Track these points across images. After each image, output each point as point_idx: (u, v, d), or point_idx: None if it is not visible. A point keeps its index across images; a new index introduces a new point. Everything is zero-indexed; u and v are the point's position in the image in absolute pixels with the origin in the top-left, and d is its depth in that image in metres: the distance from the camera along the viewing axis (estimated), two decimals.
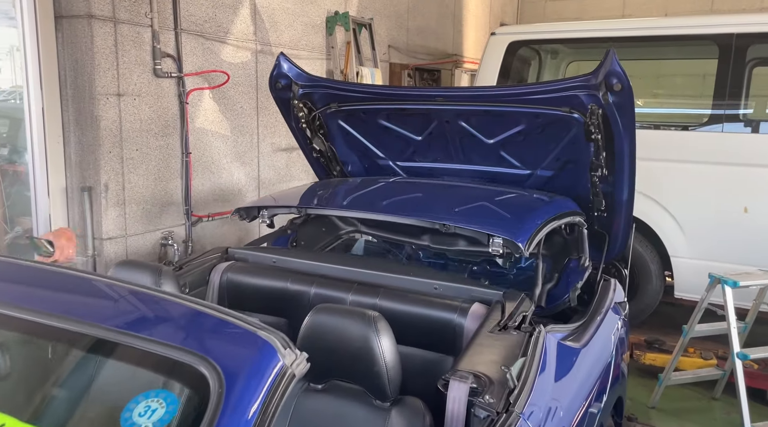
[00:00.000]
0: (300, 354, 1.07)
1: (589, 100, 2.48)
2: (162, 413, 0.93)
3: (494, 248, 2.12)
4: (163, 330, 1.05)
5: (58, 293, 1.24)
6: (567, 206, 2.63)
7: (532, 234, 2.18)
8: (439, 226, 2.24)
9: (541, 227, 2.27)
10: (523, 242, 2.10)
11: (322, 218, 3.16)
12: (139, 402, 0.94)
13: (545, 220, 2.34)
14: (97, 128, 3.25)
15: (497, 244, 2.11)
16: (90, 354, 1.14)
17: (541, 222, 2.30)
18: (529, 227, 2.23)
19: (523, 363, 1.74)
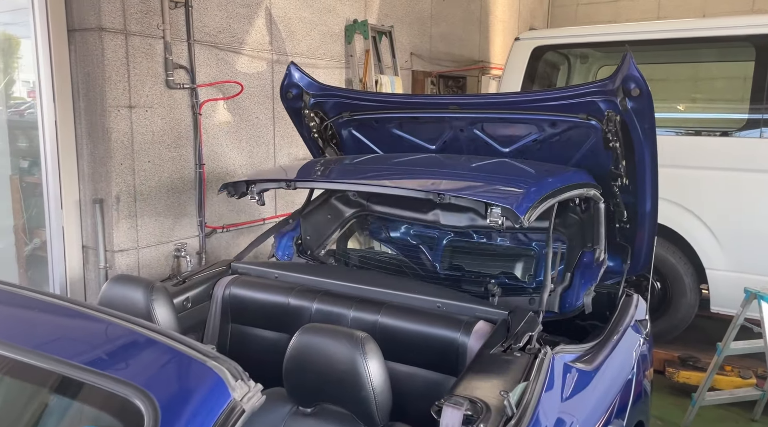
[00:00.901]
0: (254, 386, 0.98)
1: (607, 106, 2.35)
2: None
3: (492, 219, 1.90)
4: (99, 357, 0.97)
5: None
6: (579, 178, 2.41)
7: (535, 203, 1.97)
8: (433, 196, 2.04)
9: (545, 198, 2.05)
10: (522, 210, 1.88)
11: (325, 204, 3.07)
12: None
13: (551, 190, 2.12)
14: (108, 140, 3.25)
15: (495, 214, 1.89)
16: (14, 381, 1.08)
17: (547, 192, 2.09)
18: (531, 196, 2.00)
19: (524, 388, 1.62)
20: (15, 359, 0.97)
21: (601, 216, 2.48)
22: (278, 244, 2.96)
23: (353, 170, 2.60)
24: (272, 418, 1.70)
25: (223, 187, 2.53)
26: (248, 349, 2.48)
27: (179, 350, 0.99)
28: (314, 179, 2.47)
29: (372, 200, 3.09)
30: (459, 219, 2.91)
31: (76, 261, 3.42)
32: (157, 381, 0.93)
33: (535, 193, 2.05)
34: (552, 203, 2.11)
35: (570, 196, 2.27)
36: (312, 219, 3.02)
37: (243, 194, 2.49)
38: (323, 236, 3.07)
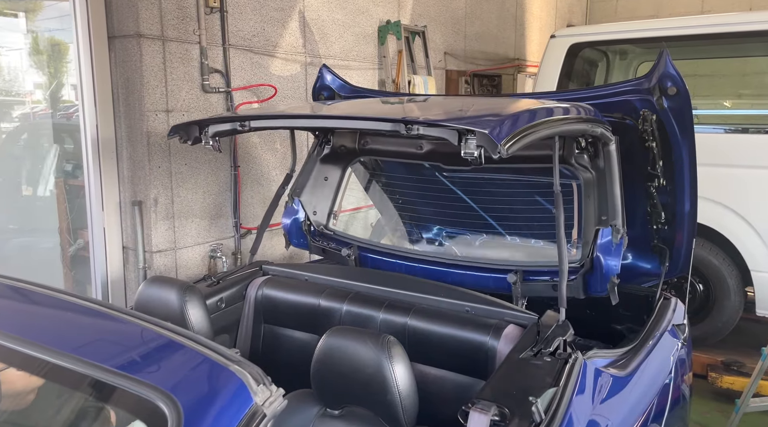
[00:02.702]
0: (276, 391, 0.99)
1: (642, 105, 2.30)
2: None
3: (467, 151, 1.61)
4: (125, 360, 1.00)
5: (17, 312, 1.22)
6: (581, 111, 2.12)
7: (517, 131, 1.67)
8: (402, 129, 1.75)
9: (530, 127, 1.75)
10: (500, 137, 1.59)
11: (315, 169, 2.90)
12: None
13: (541, 120, 1.84)
14: (146, 144, 3.33)
15: (470, 144, 1.60)
16: (45, 381, 1.12)
17: (534, 121, 1.80)
18: (512, 123, 1.72)
19: (553, 394, 1.59)
20: (49, 361, 1.01)
21: (614, 166, 2.18)
22: (289, 235, 2.97)
23: (317, 108, 2.35)
24: (301, 419, 1.72)
25: (173, 131, 2.24)
26: (280, 349, 2.51)
27: (203, 354, 1.01)
28: (270, 116, 2.17)
29: (364, 149, 2.86)
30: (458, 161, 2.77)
31: (116, 261, 3.52)
32: (181, 385, 0.95)
33: (518, 120, 1.77)
34: (541, 136, 1.79)
35: (568, 132, 1.96)
36: (310, 191, 2.90)
37: (197, 140, 2.21)
38: (329, 203, 2.97)
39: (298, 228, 2.94)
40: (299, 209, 2.91)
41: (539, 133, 1.78)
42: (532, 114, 1.88)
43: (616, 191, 2.21)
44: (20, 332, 1.10)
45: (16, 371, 1.17)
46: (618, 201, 2.21)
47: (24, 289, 1.31)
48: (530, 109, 1.93)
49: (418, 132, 1.71)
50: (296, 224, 2.93)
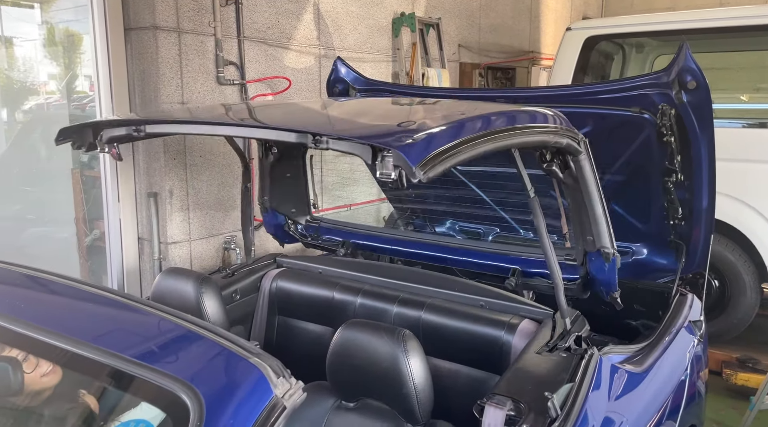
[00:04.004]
0: (295, 383, 0.99)
1: (661, 99, 2.27)
2: None
3: (383, 171, 1.31)
4: (147, 350, 1.01)
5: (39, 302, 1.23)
6: (538, 118, 1.75)
7: (437, 153, 1.32)
8: (311, 141, 1.48)
9: (458, 146, 1.39)
10: (415, 159, 1.26)
11: (274, 169, 2.73)
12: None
13: (474, 136, 1.46)
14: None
15: (387, 164, 1.30)
16: (69, 370, 1.13)
17: (464, 137, 1.43)
18: (434, 142, 1.36)
19: (569, 390, 1.59)
20: (70, 350, 1.02)
21: (589, 181, 1.82)
22: (278, 238, 2.94)
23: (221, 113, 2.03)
24: (316, 411, 1.72)
25: (62, 135, 1.90)
26: (294, 341, 2.52)
27: (224, 346, 1.02)
28: (166, 121, 1.86)
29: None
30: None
31: (132, 252, 3.55)
32: (202, 376, 0.96)
33: (443, 135, 1.42)
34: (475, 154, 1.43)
35: (517, 145, 1.60)
36: (278, 196, 2.79)
37: (92, 146, 1.87)
38: (303, 197, 2.88)
39: (283, 232, 2.92)
40: (276, 214, 2.85)
41: (471, 151, 1.42)
42: (463, 127, 1.51)
43: (597, 210, 1.90)
44: (40, 322, 1.11)
45: (36, 359, 1.18)
46: (602, 221, 1.92)
47: (43, 278, 1.32)
48: (464, 121, 1.57)
49: (328, 146, 1.44)
50: (280, 228, 2.90)
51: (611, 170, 2.71)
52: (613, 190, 2.76)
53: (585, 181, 1.83)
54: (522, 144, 1.62)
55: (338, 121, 1.70)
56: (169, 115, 1.91)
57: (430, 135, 1.38)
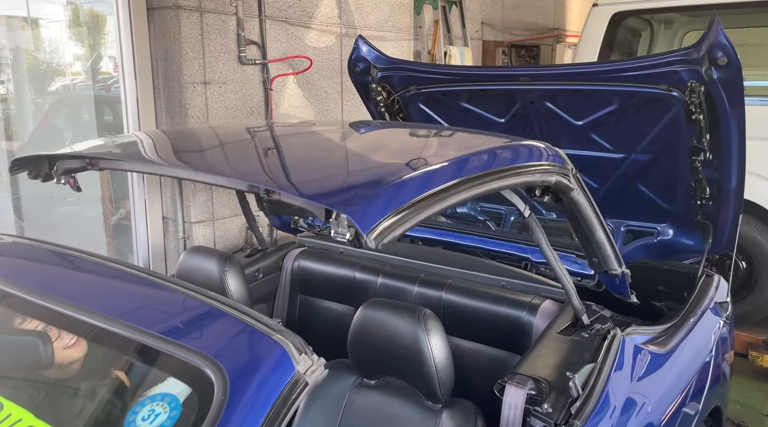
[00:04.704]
0: (317, 360, 1.01)
1: (690, 76, 2.22)
2: (164, 419, 0.91)
3: (338, 231, 1.16)
4: (172, 326, 1.03)
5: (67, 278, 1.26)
6: (520, 157, 1.55)
7: (396, 218, 1.17)
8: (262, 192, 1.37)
9: (421, 202, 1.23)
10: (367, 224, 1.12)
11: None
12: (145, 405, 0.93)
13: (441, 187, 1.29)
14: (185, 116, 3.37)
15: (342, 224, 1.14)
16: (97, 345, 1.16)
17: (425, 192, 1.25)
18: (395, 199, 1.21)
19: (591, 370, 1.59)
20: (99, 326, 1.05)
21: (587, 213, 1.72)
22: (290, 231, 2.90)
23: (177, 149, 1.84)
24: (338, 388, 1.75)
25: (16, 165, 1.79)
26: (316, 320, 2.55)
27: (247, 323, 1.03)
28: (119, 158, 1.76)
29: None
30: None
31: (157, 231, 3.61)
32: (227, 352, 0.98)
33: (405, 190, 1.24)
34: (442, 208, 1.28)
35: (494, 191, 1.43)
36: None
37: (48, 177, 1.79)
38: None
39: (291, 228, 2.88)
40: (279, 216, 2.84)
41: (438, 206, 1.26)
42: (426, 179, 1.31)
43: (598, 236, 1.80)
44: (68, 297, 1.14)
45: (65, 334, 1.22)
46: (605, 245, 1.83)
47: (71, 255, 1.35)
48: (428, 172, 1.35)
49: (280, 199, 1.30)
50: (287, 225, 2.85)
51: (637, 149, 2.67)
52: (639, 170, 2.72)
53: (581, 213, 1.73)
54: (502, 188, 1.46)
55: (297, 171, 1.48)
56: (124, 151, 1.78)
57: (389, 191, 1.22)
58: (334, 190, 1.28)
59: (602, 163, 2.79)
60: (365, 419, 1.69)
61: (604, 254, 1.83)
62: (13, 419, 0.97)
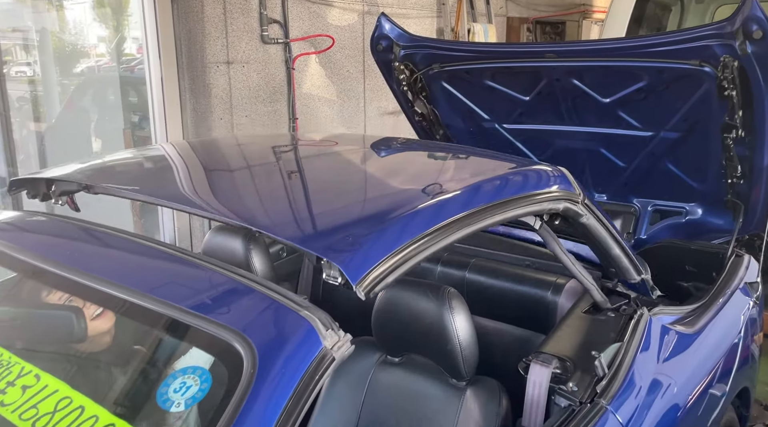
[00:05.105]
0: (344, 336, 1.01)
1: (723, 50, 2.15)
2: (195, 391, 0.93)
3: (329, 274, 1.13)
4: (201, 301, 1.04)
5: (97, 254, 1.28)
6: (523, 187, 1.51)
7: (387, 258, 1.12)
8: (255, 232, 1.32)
9: (411, 244, 1.17)
10: (356, 275, 1.09)
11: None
12: (176, 378, 0.95)
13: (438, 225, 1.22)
14: (208, 96, 3.39)
15: (334, 268, 1.11)
16: (128, 319, 1.18)
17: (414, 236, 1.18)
18: (386, 245, 1.15)
19: (617, 349, 1.57)
20: (129, 300, 1.07)
21: (600, 234, 1.68)
22: None
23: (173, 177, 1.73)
24: (362, 365, 1.76)
25: (14, 186, 1.79)
26: (339, 298, 2.56)
27: (274, 299, 1.04)
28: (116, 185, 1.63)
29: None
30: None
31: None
32: (254, 327, 0.99)
33: (396, 233, 1.18)
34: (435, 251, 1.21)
35: (500, 222, 1.37)
36: None
37: (46, 196, 1.78)
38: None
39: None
40: None
41: (434, 246, 1.20)
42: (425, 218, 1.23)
43: (615, 253, 1.77)
44: (100, 272, 1.16)
45: (97, 308, 1.24)
46: (621, 259, 1.79)
47: (100, 231, 1.37)
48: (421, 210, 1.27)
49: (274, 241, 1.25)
50: None
51: (666, 127, 2.61)
52: (668, 148, 2.66)
53: (594, 235, 1.68)
54: (507, 220, 1.39)
55: (291, 208, 1.39)
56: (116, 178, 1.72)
57: (382, 234, 1.15)
58: (324, 232, 1.22)
59: (630, 141, 2.73)
60: (389, 396, 1.70)
61: (621, 266, 1.80)
62: (50, 390, 1.00)
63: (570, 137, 2.90)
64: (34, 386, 1.02)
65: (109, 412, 0.95)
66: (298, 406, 0.92)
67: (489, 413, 1.52)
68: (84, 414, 0.95)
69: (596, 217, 1.64)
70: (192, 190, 1.54)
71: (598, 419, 1.39)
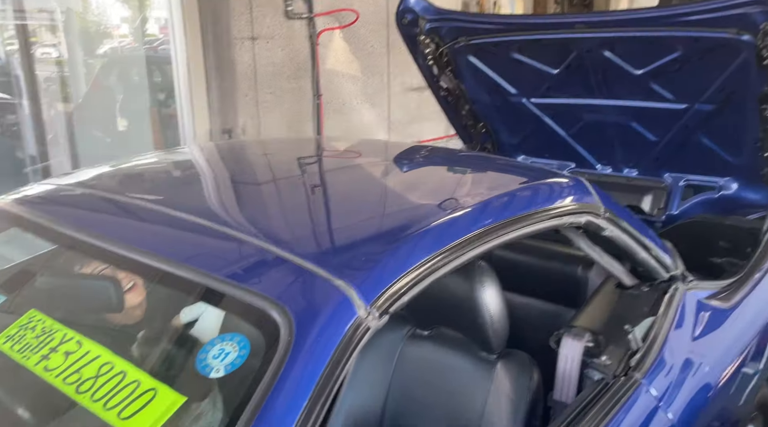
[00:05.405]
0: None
1: (763, 18, 2.08)
2: (234, 357, 0.94)
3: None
4: (236, 271, 1.05)
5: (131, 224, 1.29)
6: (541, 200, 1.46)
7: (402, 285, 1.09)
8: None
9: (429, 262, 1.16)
10: (369, 296, 1.03)
11: None
12: (215, 344, 0.96)
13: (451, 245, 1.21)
14: (233, 73, 3.39)
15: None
16: (165, 288, 1.20)
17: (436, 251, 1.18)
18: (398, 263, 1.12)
19: (651, 323, 1.55)
20: (165, 269, 1.08)
21: (626, 244, 1.61)
22: None
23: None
24: (391, 338, 1.77)
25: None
26: None
27: (308, 269, 1.04)
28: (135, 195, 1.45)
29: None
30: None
31: None
32: (290, 296, 0.99)
33: (410, 252, 1.15)
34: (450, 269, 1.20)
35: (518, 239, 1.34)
36: None
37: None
38: None
39: None
40: None
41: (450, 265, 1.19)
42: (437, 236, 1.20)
43: (641, 257, 1.70)
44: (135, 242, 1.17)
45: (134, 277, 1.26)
46: (649, 262, 1.71)
47: (133, 204, 1.38)
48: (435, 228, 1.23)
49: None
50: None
51: (701, 99, 2.54)
52: (702, 121, 2.59)
53: (618, 245, 1.61)
54: (525, 236, 1.36)
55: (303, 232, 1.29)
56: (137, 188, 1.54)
57: (391, 255, 1.11)
58: (339, 249, 1.18)
59: (662, 114, 2.67)
60: (418, 369, 1.70)
61: (649, 267, 1.73)
62: (92, 356, 1.02)
63: (600, 111, 2.84)
64: (76, 352, 1.04)
65: (150, 377, 0.97)
66: (334, 374, 0.93)
67: (521, 387, 1.52)
68: (126, 379, 0.97)
69: (620, 228, 1.58)
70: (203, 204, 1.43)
71: (632, 392, 1.38)
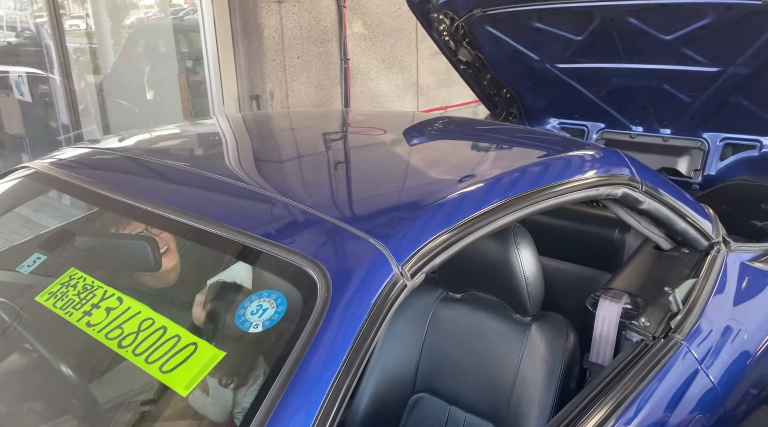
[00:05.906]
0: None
1: None
2: (272, 313, 0.94)
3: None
4: (272, 230, 1.04)
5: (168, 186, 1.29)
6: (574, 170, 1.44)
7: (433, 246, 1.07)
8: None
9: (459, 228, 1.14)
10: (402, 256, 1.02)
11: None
12: (253, 301, 0.96)
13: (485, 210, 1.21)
14: (260, 37, 3.36)
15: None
16: (203, 247, 1.20)
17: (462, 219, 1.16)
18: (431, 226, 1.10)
19: (692, 285, 1.51)
20: (203, 229, 1.08)
21: (664, 215, 1.57)
22: None
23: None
24: (423, 301, 1.76)
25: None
26: None
27: (343, 228, 1.03)
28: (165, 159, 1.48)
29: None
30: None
31: None
32: (326, 253, 0.99)
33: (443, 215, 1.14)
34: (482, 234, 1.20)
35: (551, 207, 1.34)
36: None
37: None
38: None
39: None
40: None
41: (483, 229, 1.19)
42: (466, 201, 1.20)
43: (681, 227, 1.64)
44: (171, 203, 1.18)
45: (171, 237, 1.27)
46: (689, 231, 1.65)
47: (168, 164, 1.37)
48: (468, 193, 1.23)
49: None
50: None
51: (737, 63, 2.43)
52: (738, 84, 2.48)
53: (656, 216, 1.57)
54: (559, 204, 1.35)
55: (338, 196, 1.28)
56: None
57: (422, 217, 1.11)
58: (373, 214, 1.16)
59: (695, 76, 2.56)
60: (451, 331, 1.70)
61: (689, 238, 1.68)
62: (133, 312, 1.04)
63: (629, 74, 2.73)
64: (117, 308, 1.06)
65: (189, 332, 0.98)
66: (371, 332, 0.92)
67: (556, 348, 1.50)
68: (166, 334, 0.98)
69: (658, 200, 1.54)
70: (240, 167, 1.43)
71: (673, 353, 1.35)
